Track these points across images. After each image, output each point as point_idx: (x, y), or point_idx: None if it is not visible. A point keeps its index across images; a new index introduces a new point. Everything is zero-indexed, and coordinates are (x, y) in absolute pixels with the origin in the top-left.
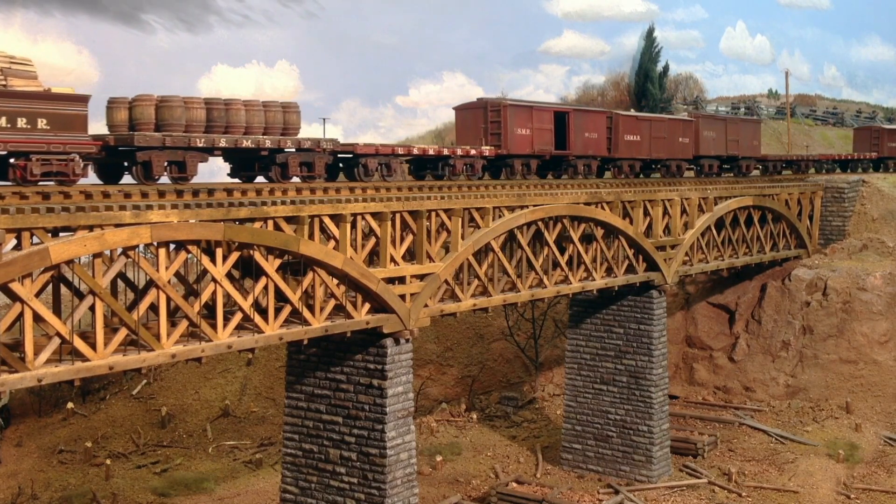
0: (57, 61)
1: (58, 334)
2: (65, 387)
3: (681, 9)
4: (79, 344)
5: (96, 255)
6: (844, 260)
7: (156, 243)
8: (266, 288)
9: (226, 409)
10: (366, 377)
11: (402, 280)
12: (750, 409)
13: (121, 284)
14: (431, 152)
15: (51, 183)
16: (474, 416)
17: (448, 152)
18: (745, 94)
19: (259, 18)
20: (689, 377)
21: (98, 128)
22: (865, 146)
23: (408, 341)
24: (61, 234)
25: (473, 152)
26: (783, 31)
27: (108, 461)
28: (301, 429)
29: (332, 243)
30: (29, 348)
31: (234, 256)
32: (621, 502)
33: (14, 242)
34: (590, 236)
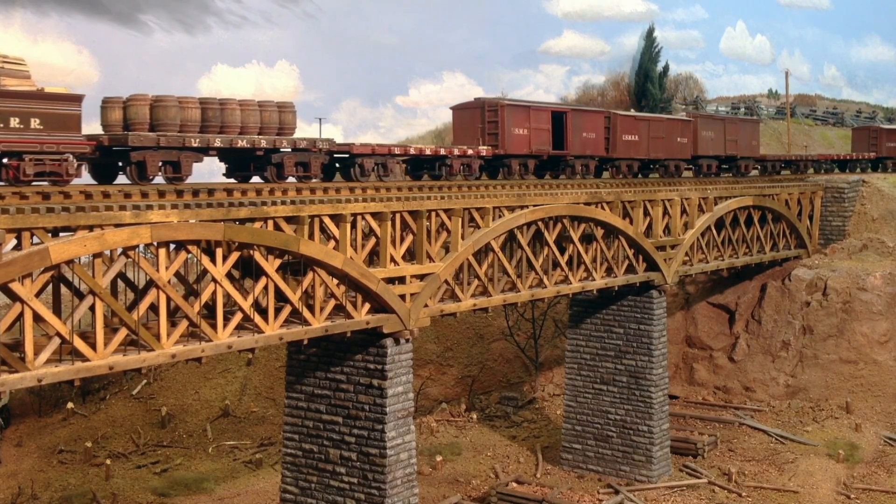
0: (57, 61)
1: (58, 334)
2: (65, 387)
3: (681, 9)
4: (79, 344)
5: (96, 255)
6: (844, 260)
7: (156, 243)
8: (266, 288)
9: (226, 409)
10: (366, 377)
11: (402, 280)
12: (750, 409)
13: (121, 284)
14: (428, 152)
15: (44, 183)
16: (474, 416)
17: (445, 152)
18: (745, 94)
19: (257, 19)
20: (689, 377)
21: (95, 128)
22: (864, 146)
23: (408, 341)
24: (61, 234)
25: (471, 152)
26: (783, 31)
27: (108, 461)
28: (301, 429)
29: (332, 243)
30: (29, 348)
31: (234, 256)
32: (621, 502)
33: (14, 242)
34: (590, 236)
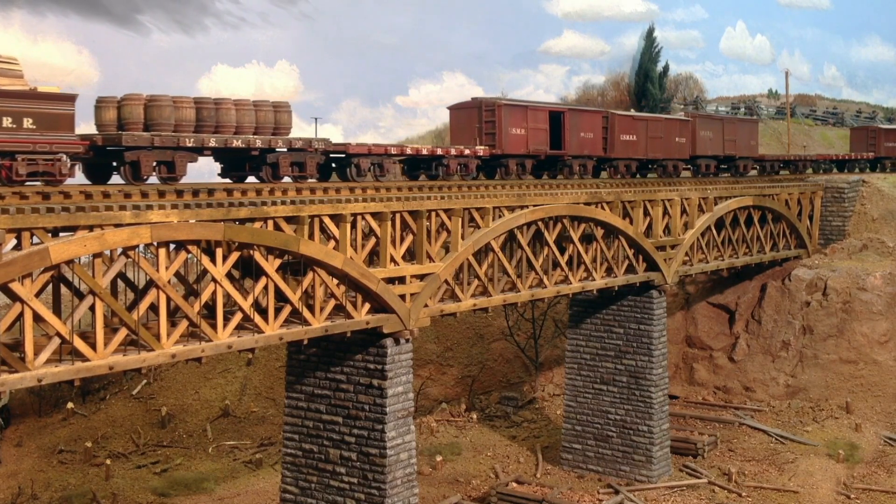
0: (57, 61)
1: (58, 334)
2: (65, 387)
3: (681, 9)
4: (79, 344)
5: (96, 255)
6: (844, 260)
7: (156, 243)
8: (266, 288)
9: (226, 409)
10: (366, 377)
11: (402, 280)
12: (750, 409)
13: (121, 284)
14: (425, 152)
15: (37, 183)
16: (474, 416)
17: (442, 152)
18: (745, 94)
19: (255, 20)
20: (689, 377)
21: (91, 128)
22: (862, 146)
23: (408, 341)
24: (61, 234)
25: (468, 152)
26: (783, 31)
27: (108, 461)
28: (301, 429)
29: (332, 243)
30: (29, 348)
31: (234, 256)
32: (621, 502)
33: (14, 242)
34: (590, 236)
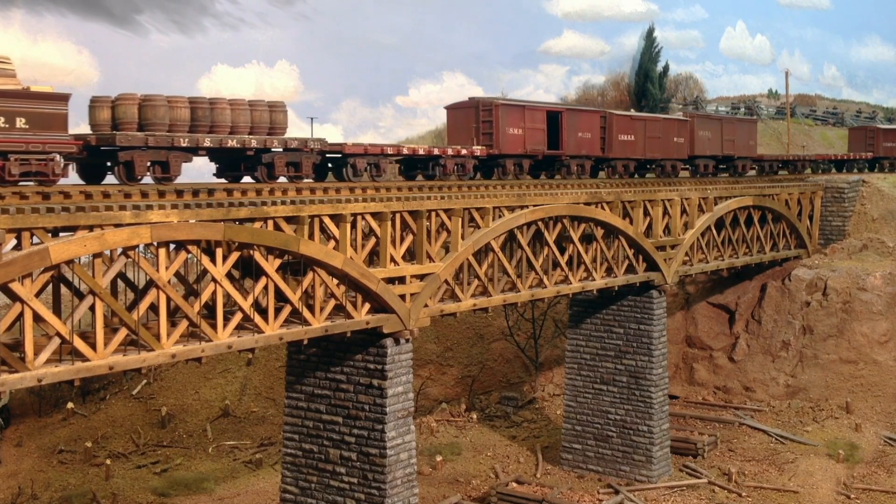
0: (57, 61)
1: (58, 334)
2: (65, 387)
3: (681, 9)
4: (79, 344)
5: (96, 255)
6: (844, 260)
7: (156, 243)
8: (266, 288)
9: (226, 409)
10: (366, 377)
11: (402, 280)
12: (750, 409)
13: (121, 284)
14: (422, 152)
15: (30, 183)
16: (474, 416)
17: (439, 152)
18: (745, 94)
19: (254, 20)
20: (689, 377)
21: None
22: (861, 146)
23: (408, 341)
24: (61, 234)
25: (464, 152)
26: (783, 31)
27: (108, 461)
28: (301, 429)
29: (332, 243)
30: (29, 348)
31: (234, 256)
32: (621, 502)
33: (14, 242)
34: (590, 236)
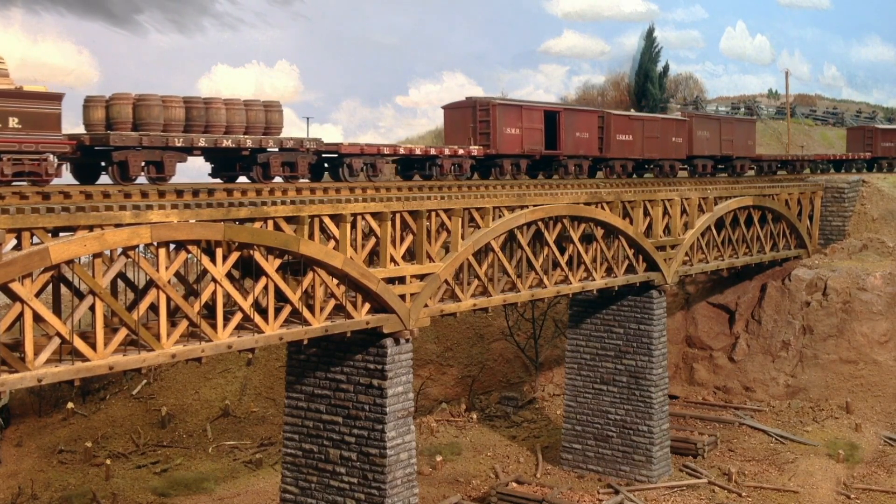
0: (57, 61)
1: (58, 334)
2: (65, 387)
3: (681, 9)
4: (79, 344)
5: (96, 255)
6: (844, 260)
7: (156, 243)
8: (266, 288)
9: (226, 409)
10: (366, 377)
11: (402, 280)
12: (750, 409)
13: (121, 284)
14: (418, 152)
15: (23, 183)
16: (474, 416)
17: (435, 152)
18: (745, 94)
19: (254, 20)
20: (689, 377)
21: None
22: (859, 146)
23: (408, 341)
24: (61, 234)
25: (462, 152)
26: (783, 31)
27: (108, 461)
28: (301, 429)
29: (332, 243)
30: (29, 348)
31: (234, 256)
32: (621, 502)
33: (14, 242)
34: (590, 236)
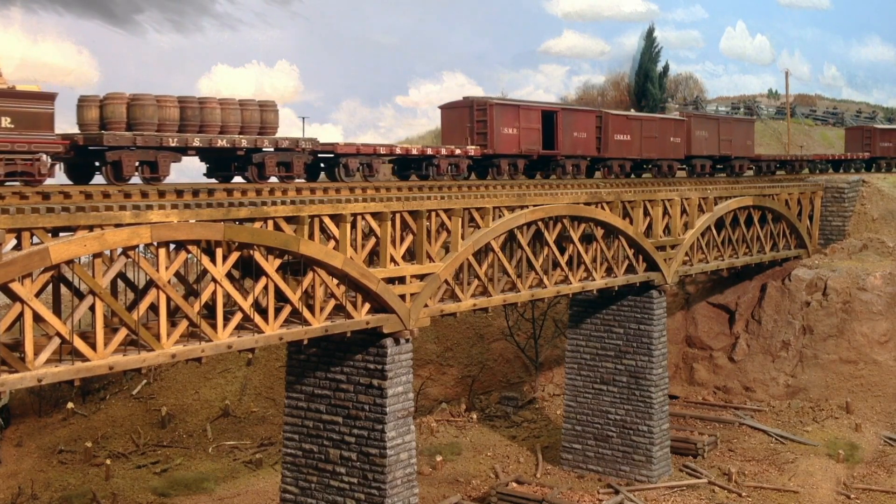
0: (57, 61)
1: (58, 334)
2: (65, 387)
3: (681, 9)
4: (79, 344)
5: (96, 255)
6: (844, 260)
7: (156, 243)
8: (266, 288)
9: (226, 409)
10: (366, 377)
11: (402, 280)
12: (750, 409)
13: (121, 284)
14: (415, 152)
15: (16, 183)
16: (474, 416)
17: (432, 152)
18: (745, 94)
19: (253, 20)
20: (689, 377)
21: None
22: (857, 146)
23: (408, 341)
24: (61, 234)
25: (458, 152)
26: (783, 31)
27: (108, 461)
28: (301, 429)
29: (332, 243)
30: (29, 348)
31: (234, 256)
32: (621, 502)
33: (14, 242)
34: (590, 236)
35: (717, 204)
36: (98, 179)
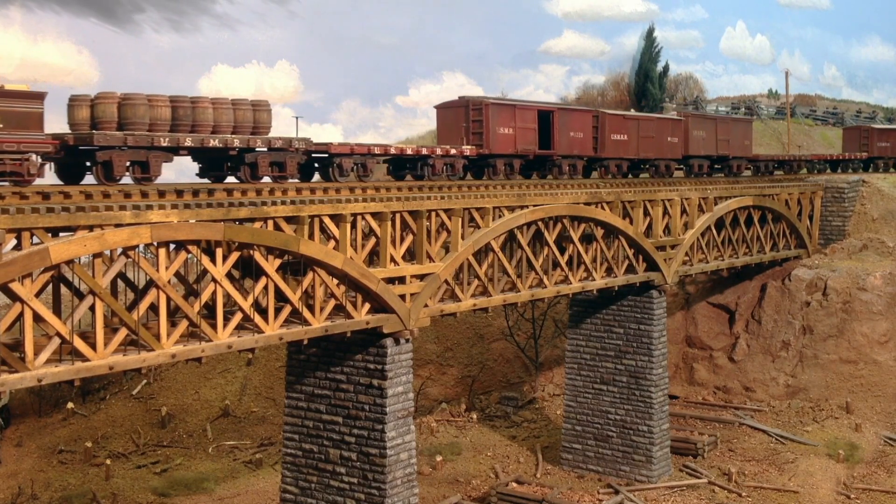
0: (57, 61)
1: (58, 334)
2: (65, 387)
3: (681, 9)
4: (79, 344)
5: (96, 255)
6: (844, 260)
7: (156, 243)
8: (266, 288)
9: (226, 409)
10: (366, 377)
11: (402, 280)
12: (750, 409)
13: (121, 284)
14: (410, 152)
15: (5, 184)
16: (474, 416)
17: (427, 152)
18: (745, 94)
19: (253, 20)
20: (689, 377)
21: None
22: (855, 146)
23: (408, 341)
24: (61, 234)
25: (454, 152)
26: (783, 31)
27: (108, 461)
28: (301, 429)
29: (332, 243)
30: (29, 348)
31: (234, 256)
32: (621, 502)
33: (14, 242)
34: (590, 236)
35: (717, 204)
36: (89, 179)
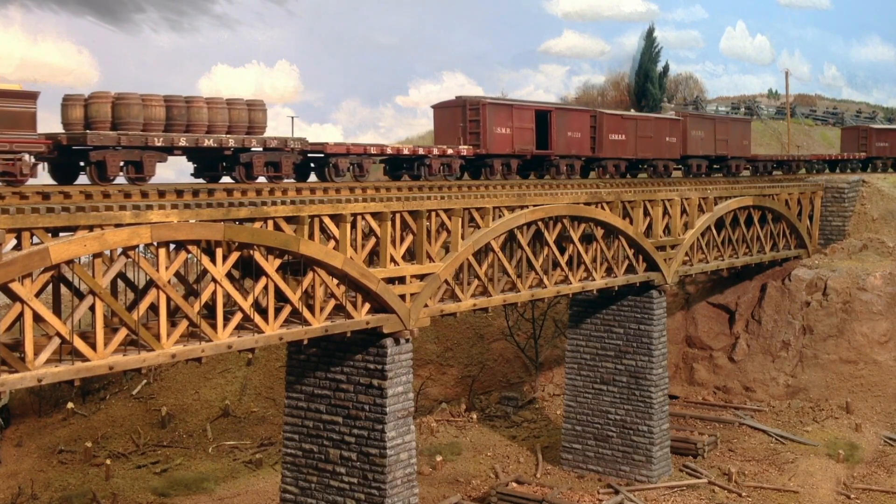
0: (57, 61)
1: (58, 334)
2: (65, 387)
3: (681, 9)
4: (79, 344)
5: (96, 255)
6: (844, 260)
7: (156, 243)
8: (266, 288)
9: (226, 409)
10: (366, 377)
11: (402, 280)
12: (750, 409)
13: (121, 284)
14: (406, 152)
15: None
16: (474, 416)
17: (424, 152)
18: (745, 94)
19: (252, 20)
20: (689, 377)
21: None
22: (853, 146)
23: (408, 341)
24: (61, 234)
25: (451, 152)
26: (783, 31)
27: (108, 461)
28: (301, 429)
29: (332, 243)
30: (29, 348)
31: (234, 256)
32: (621, 502)
33: (14, 242)
34: (590, 236)
35: (717, 204)
36: (82, 180)
